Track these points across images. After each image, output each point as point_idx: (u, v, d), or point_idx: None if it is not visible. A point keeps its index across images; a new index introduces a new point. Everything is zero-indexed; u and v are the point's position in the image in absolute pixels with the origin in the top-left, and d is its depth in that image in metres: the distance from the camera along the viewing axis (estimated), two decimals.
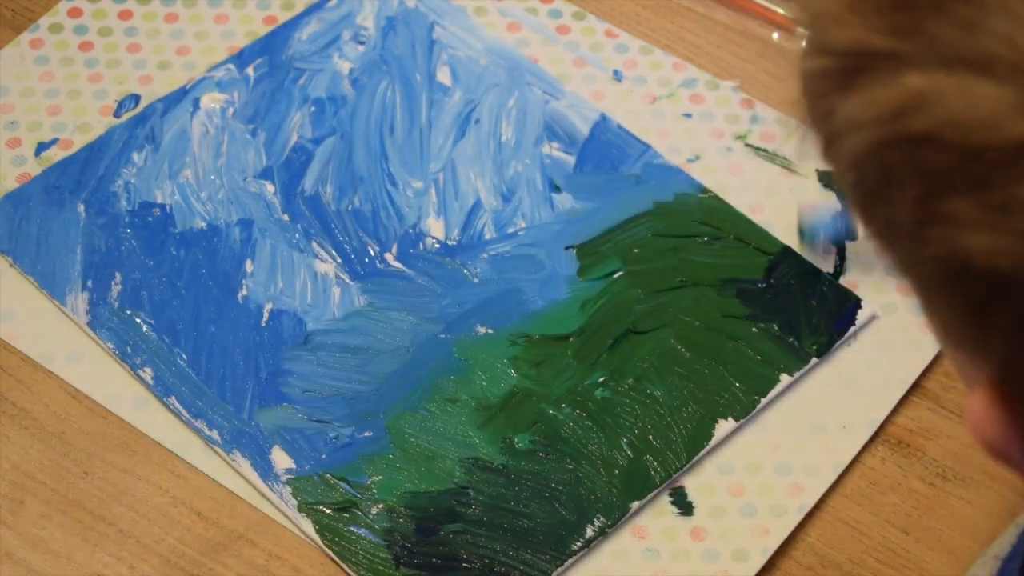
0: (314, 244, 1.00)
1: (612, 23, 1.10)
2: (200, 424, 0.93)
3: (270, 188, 1.02)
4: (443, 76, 1.07)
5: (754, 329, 0.96)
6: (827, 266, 0.99)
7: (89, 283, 0.98)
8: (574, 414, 0.93)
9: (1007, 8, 0.48)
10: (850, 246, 1.00)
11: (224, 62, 1.08)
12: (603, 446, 0.92)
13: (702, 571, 0.88)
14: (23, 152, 1.04)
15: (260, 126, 1.05)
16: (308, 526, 0.89)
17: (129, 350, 0.95)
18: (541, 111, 1.06)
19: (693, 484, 0.91)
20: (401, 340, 0.96)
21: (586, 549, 0.89)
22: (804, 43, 0.53)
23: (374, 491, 0.90)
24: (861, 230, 0.74)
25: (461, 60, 1.08)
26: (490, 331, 0.96)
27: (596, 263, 0.99)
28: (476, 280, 0.98)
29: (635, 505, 0.90)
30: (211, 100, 1.06)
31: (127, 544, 0.89)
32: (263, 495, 0.91)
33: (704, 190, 1.02)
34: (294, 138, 1.05)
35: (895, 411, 0.94)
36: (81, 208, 1.01)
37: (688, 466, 0.91)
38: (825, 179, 1.03)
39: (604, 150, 1.04)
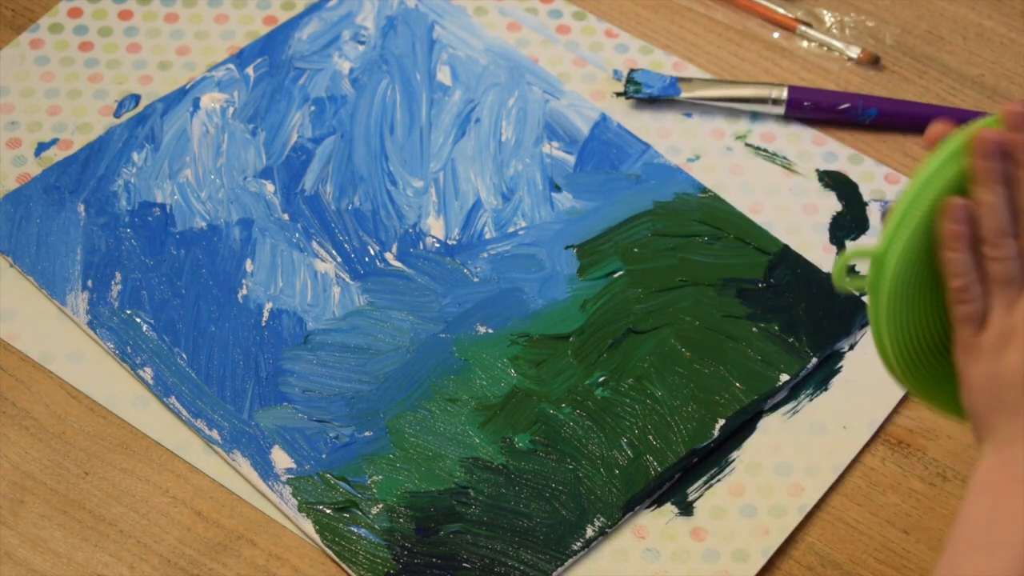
0: (314, 243, 1.00)
1: (612, 23, 1.10)
2: (200, 424, 0.93)
3: (270, 187, 1.02)
4: (443, 75, 1.07)
5: (754, 329, 0.96)
6: (827, 266, 0.99)
7: (89, 283, 0.98)
8: (574, 414, 0.93)
9: None
10: (849, 246, 1.00)
11: (224, 62, 1.08)
12: (603, 446, 0.92)
13: (702, 571, 0.88)
14: (23, 152, 1.04)
15: (260, 126, 1.05)
16: (308, 526, 0.89)
17: (129, 350, 0.95)
18: (541, 110, 1.06)
19: (693, 484, 0.91)
20: (401, 340, 0.96)
21: (586, 549, 0.89)
22: None
23: (374, 491, 0.90)
24: None
25: (461, 60, 1.08)
26: (490, 331, 0.96)
27: (596, 263, 0.99)
28: (476, 279, 0.98)
29: (635, 505, 0.90)
30: (211, 100, 1.06)
31: (127, 544, 0.89)
32: (263, 495, 0.91)
33: (704, 190, 1.02)
34: (294, 137, 1.05)
35: (895, 411, 0.94)
36: (81, 208, 1.01)
37: (688, 466, 0.91)
38: (825, 179, 1.03)
39: (604, 149, 1.04)
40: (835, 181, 1.03)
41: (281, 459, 0.91)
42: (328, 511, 0.90)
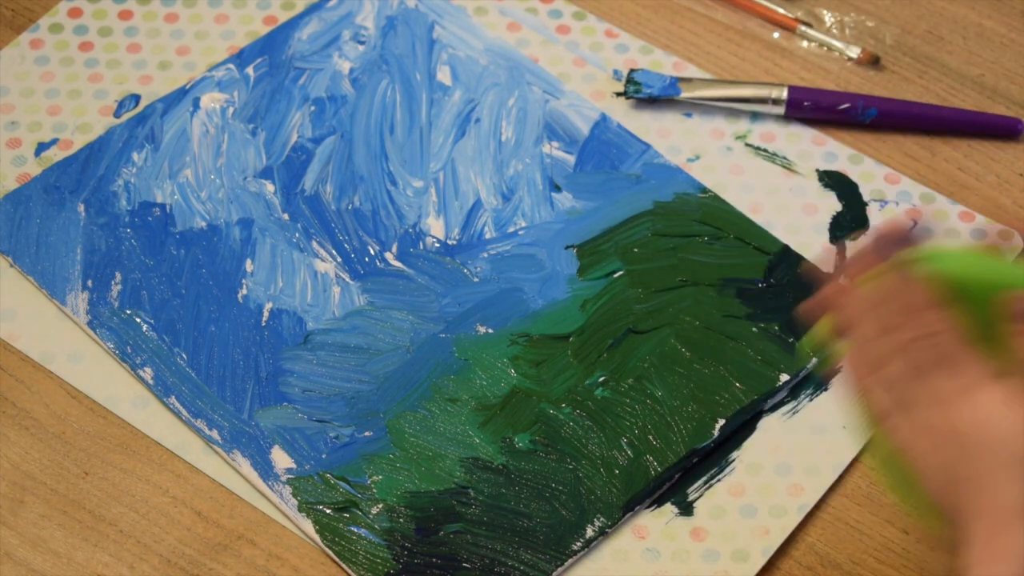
0: (314, 243, 1.00)
1: (612, 23, 1.10)
2: (200, 424, 0.93)
3: (270, 187, 1.02)
4: (443, 75, 1.07)
5: (754, 329, 0.96)
6: (827, 266, 0.99)
7: (89, 283, 0.98)
8: (574, 414, 0.93)
9: None
10: (849, 246, 1.00)
11: (224, 62, 1.08)
12: (603, 446, 0.92)
13: (702, 571, 0.88)
14: (23, 152, 1.04)
15: (260, 125, 1.05)
16: (308, 526, 0.89)
17: (129, 350, 0.95)
18: (541, 110, 1.06)
19: (693, 484, 0.91)
20: (401, 339, 0.96)
21: (586, 549, 0.89)
22: None
23: (374, 491, 0.90)
24: None
25: (461, 59, 1.08)
26: (490, 330, 0.96)
27: (596, 263, 0.99)
28: (476, 279, 0.98)
29: (635, 505, 0.90)
30: (211, 100, 1.06)
31: (127, 544, 0.89)
32: (263, 495, 0.91)
33: (704, 190, 1.02)
34: (294, 137, 1.05)
35: None
36: (81, 208, 1.01)
37: (688, 466, 0.91)
38: (825, 179, 1.03)
39: (604, 149, 1.04)
40: (835, 181, 1.03)
41: (281, 459, 0.91)
42: (328, 511, 0.90)
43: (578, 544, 0.89)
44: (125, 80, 1.07)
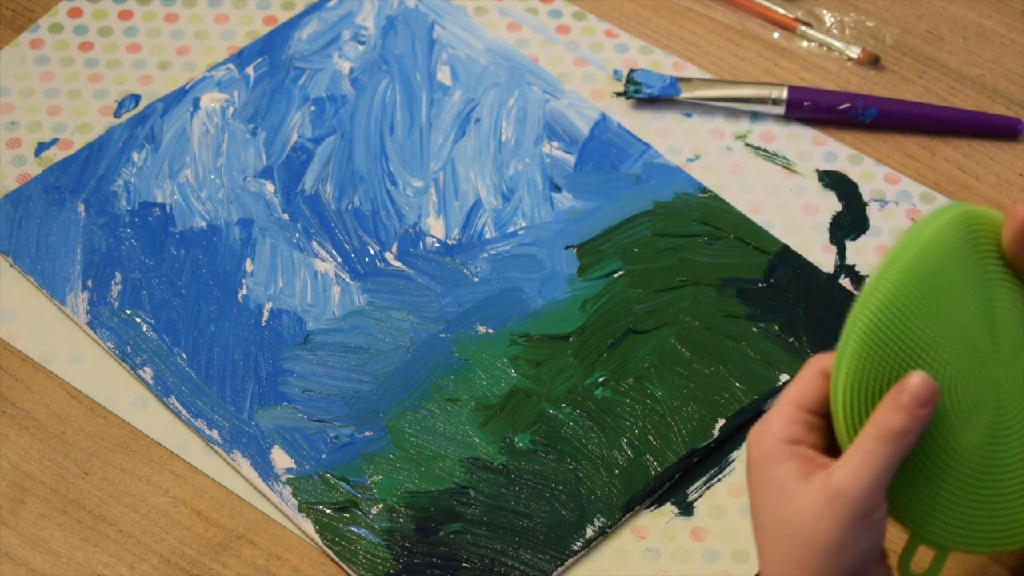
0: (314, 243, 1.00)
1: (612, 23, 1.10)
2: (200, 424, 0.93)
3: (270, 187, 1.02)
4: (443, 75, 1.07)
5: (754, 329, 0.96)
6: (827, 266, 0.99)
7: (89, 283, 0.98)
8: (574, 414, 0.93)
9: None
10: (849, 246, 1.00)
11: (224, 62, 1.08)
12: (603, 446, 0.92)
13: (702, 571, 0.88)
14: (23, 152, 1.04)
15: (260, 125, 1.05)
16: (308, 526, 0.89)
17: (129, 350, 0.95)
18: (541, 110, 1.06)
19: (693, 484, 0.91)
20: (401, 339, 0.96)
21: (586, 549, 0.89)
22: None
23: (374, 491, 0.90)
24: None
25: (461, 59, 1.08)
26: (490, 330, 0.96)
27: (596, 262, 0.99)
28: (476, 279, 0.98)
29: (635, 505, 0.90)
30: (211, 100, 1.06)
31: (127, 544, 0.89)
32: (263, 495, 0.91)
33: (704, 190, 1.02)
34: (294, 137, 1.05)
35: None
36: (81, 208, 1.01)
37: (688, 466, 0.91)
38: (825, 179, 1.03)
39: (604, 149, 1.04)
40: (835, 181, 1.03)
41: (281, 459, 0.91)
42: (328, 511, 0.90)
43: (578, 544, 0.89)
44: (125, 80, 1.07)
